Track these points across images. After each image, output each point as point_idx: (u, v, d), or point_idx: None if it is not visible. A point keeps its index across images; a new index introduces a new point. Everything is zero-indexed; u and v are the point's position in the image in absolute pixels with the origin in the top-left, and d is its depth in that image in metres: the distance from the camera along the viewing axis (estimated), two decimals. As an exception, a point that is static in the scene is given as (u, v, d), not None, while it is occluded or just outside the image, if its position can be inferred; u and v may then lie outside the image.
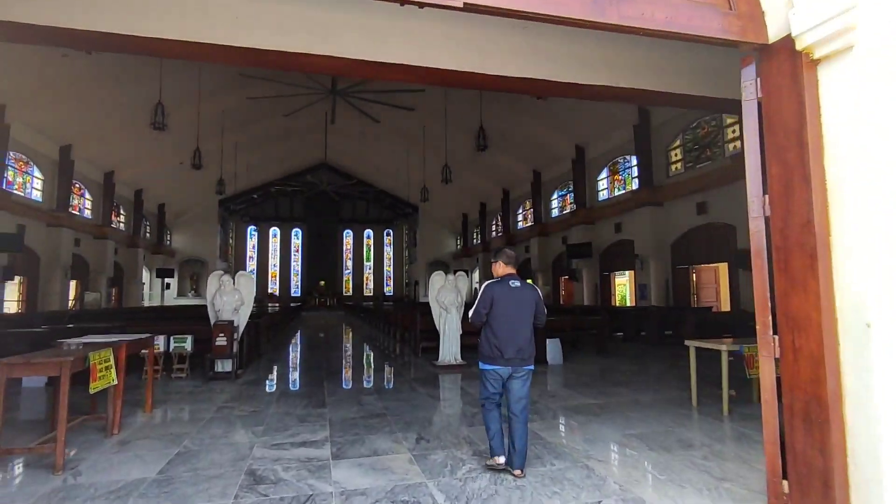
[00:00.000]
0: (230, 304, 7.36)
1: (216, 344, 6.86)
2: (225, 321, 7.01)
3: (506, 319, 3.48)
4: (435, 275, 8.50)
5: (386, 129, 25.39)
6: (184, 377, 7.24)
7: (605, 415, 5.05)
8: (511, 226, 27.71)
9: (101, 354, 4.03)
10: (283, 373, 8.04)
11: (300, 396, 6.08)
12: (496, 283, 3.61)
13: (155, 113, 14.01)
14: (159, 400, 5.86)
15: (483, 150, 16.74)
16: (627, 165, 19.58)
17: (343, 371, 8.09)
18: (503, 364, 3.47)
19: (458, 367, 8.03)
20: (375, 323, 17.80)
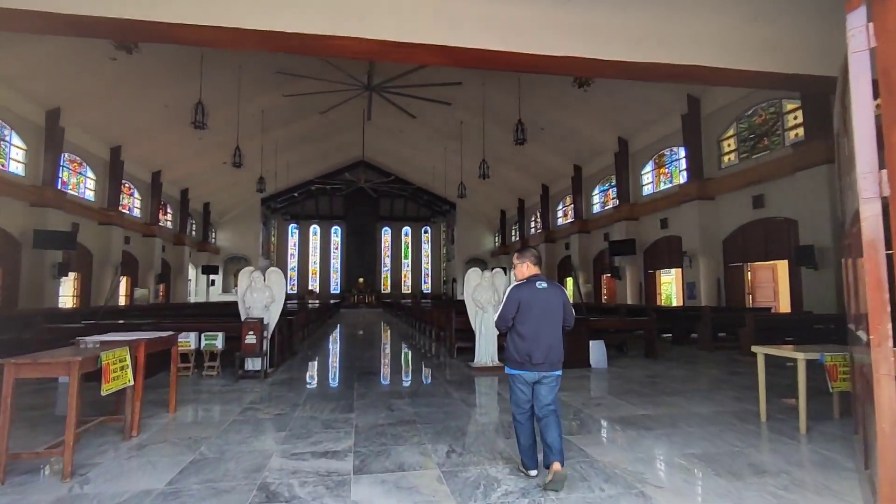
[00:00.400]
0: (260, 301, 7.16)
1: (245, 342, 6.67)
2: (255, 319, 6.80)
3: (534, 323, 3.29)
4: (471, 272, 8.06)
5: (423, 126, 25.12)
6: (214, 375, 7.09)
7: (660, 429, 4.48)
8: (550, 222, 26.93)
9: (116, 354, 3.81)
10: (315, 372, 7.80)
11: (328, 399, 5.77)
12: (522, 286, 3.40)
13: (195, 112, 14.16)
14: (186, 399, 5.69)
15: (521, 145, 16.16)
16: (674, 158, 18.53)
17: (375, 371, 7.77)
18: (531, 369, 3.29)
19: (495, 370, 7.57)
20: (411, 321, 17.53)
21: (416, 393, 6.13)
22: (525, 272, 3.51)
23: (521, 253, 3.58)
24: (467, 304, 7.97)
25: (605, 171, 22.36)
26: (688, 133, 16.78)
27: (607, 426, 4.62)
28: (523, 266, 3.52)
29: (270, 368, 7.35)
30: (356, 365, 8.45)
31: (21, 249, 15.68)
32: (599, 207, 23.18)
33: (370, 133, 26.68)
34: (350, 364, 8.60)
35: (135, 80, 16.41)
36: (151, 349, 4.65)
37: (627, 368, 7.86)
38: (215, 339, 7.06)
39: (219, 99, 18.98)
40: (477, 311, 7.84)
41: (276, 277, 7.46)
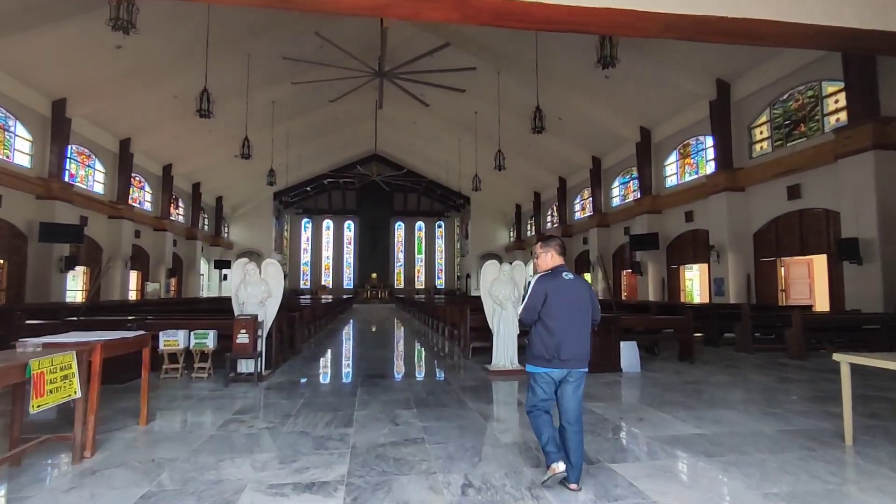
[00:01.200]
0: (255, 296, 6.41)
1: (237, 342, 5.92)
2: (247, 316, 6.05)
3: (562, 316, 3.03)
4: (488, 265, 7.22)
5: (436, 117, 24.29)
6: (205, 378, 6.37)
7: (724, 454, 3.61)
8: (568, 216, 25.93)
9: (56, 361, 3.07)
10: (315, 375, 7.02)
11: (326, 408, 4.99)
12: (548, 277, 3.13)
13: (200, 100, 13.49)
14: (164, 407, 4.96)
15: (539, 133, 15.22)
16: (701, 147, 17.45)
17: (382, 374, 6.99)
18: (558, 366, 3.01)
19: (515, 373, 6.73)
20: (424, 317, 16.76)
21: (425, 402, 5.32)
22: (549, 262, 3.21)
23: (546, 241, 3.28)
24: (484, 301, 7.14)
25: (625, 163, 21.32)
26: (716, 120, 15.70)
27: (658, 450, 3.77)
28: (547, 255, 3.23)
29: (267, 370, 6.61)
30: (362, 366, 7.68)
31: (27, 243, 15.24)
32: (619, 200, 22.14)
33: (383, 126, 25.92)
34: (355, 365, 7.84)
35: (141, 70, 15.86)
36: (114, 352, 3.91)
37: (662, 373, 6.96)
38: (206, 337, 6.34)
39: (228, 90, 18.36)
40: (494, 308, 7.01)
41: (272, 270, 6.71)
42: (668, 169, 19.00)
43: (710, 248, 15.75)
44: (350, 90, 15.88)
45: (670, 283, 18.92)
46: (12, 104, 14.59)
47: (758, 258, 14.94)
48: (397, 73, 14.86)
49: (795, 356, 8.15)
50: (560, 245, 3.29)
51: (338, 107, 23.67)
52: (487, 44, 17.49)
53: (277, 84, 19.60)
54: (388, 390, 5.87)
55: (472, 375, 6.86)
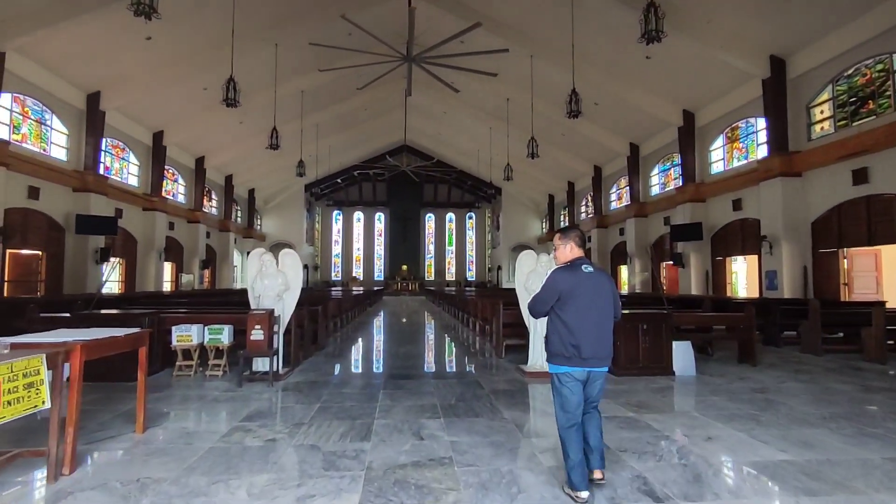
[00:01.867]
0: (272, 288, 5.91)
1: (251, 338, 5.43)
2: (262, 310, 5.55)
3: (582, 311, 2.83)
4: (524, 255, 6.51)
5: (467, 105, 23.54)
6: (219, 376, 5.93)
7: (827, 492, 2.84)
8: (603, 206, 24.78)
9: (17, 366, 2.59)
10: (336, 374, 6.46)
11: (343, 415, 4.44)
12: (566, 270, 2.94)
13: (226, 89, 13.16)
14: (168, 411, 4.50)
15: (575, 117, 14.26)
16: (751, 130, 16.13)
17: (408, 374, 6.40)
18: (579, 364, 2.82)
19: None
20: (454, 311, 16.16)
21: (454, 409, 4.70)
22: (568, 254, 3.02)
23: (565, 232, 3.07)
24: (519, 294, 6.46)
25: (666, 149, 20.07)
26: (770, 100, 14.38)
27: (742, 483, 3.02)
28: (566, 247, 3.03)
29: (285, 368, 6.13)
30: (387, 364, 7.12)
31: (65, 234, 15.39)
32: (659, 189, 20.91)
33: (412, 116, 25.34)
34: (380, 363, 7.28)
35: (171, 62, 15.77)
36: (100, 354, 3.43)
37: (722, 378, 6.12)
38: (220, 333, 5.89)
39: (257, 81, 18.14)
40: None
41: (290, 261, 6.19)
42: (714, 154, 17.71)
43: (762, 238, 14.53)
44: (378, 76, 15.29)
45: (715, 276, 17.72)
46: (48, 97, 14.66)
47: (816, 249, 13.67)
48: (426, 57, 14.17)
49: (875, 359, 7.13)
50: (580, 236, 3.06)
51: (366, 97, 23.24)
52: (520, 27, 16.64)
53: (305, 74, 19.25)
54: (414, 394, 5.27)
55: (505, 377, 6.20)
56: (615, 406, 4.77)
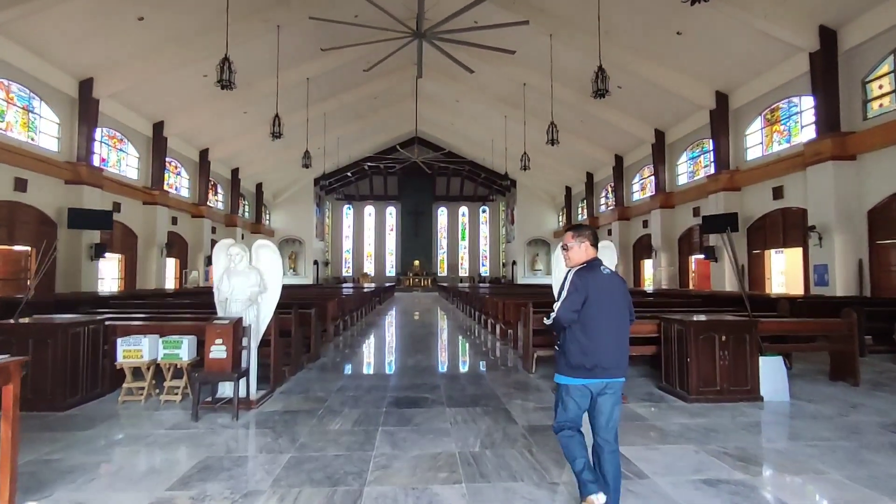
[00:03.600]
0: (242, 290, 4.53)
1: (209, 356, 4.06)
2: (224, 320, 4.17)
3: (603, 317, 2.54)
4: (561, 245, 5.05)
5: (480, 93, 22.02)
6: (177, 401, 4.58)
7: None
8: (625, 197, 23.12)
9: None
10: (326, 399, 4.94)
11: (320, 475, 3.03)
12: (587, 271, 2.62)
13: (221, 70, 11.82)
14: (74, 467, 3.13)
15: (601, 97, 12.69)
16: (794, 111, 14.40)
17: (415, 399, 4.96)
18: (601, 376, 2.51)
19: (604, 402, 4.61)
20: (470, 310, 14.75)
21: (480, 462, 3.27)
22: (583, 255, 2.70)
23: (578, 230, 2.75)
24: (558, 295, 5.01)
25: (695, 135, 18.38)
26: (819, 76, 12.67)
27: None
28: (581, 246, 2.71)
29: (262, 390, 4.76)
30: (393, 382, 5.73)
31: (56, 229, 14.25)
32: (687, 178, 19.22)
33: (424, 105, 23.87)
34: (384, 381, 5.86)
35: (167, 46, 14.54)
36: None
37: (826, 403, 4.61)
38: (178, 346, 4.53)
39: (261, 69, 16.86)
40: (572, 307, 4.89)
41: (266, 255, 4.81)
42: (750, 139, 15.99)
43: (810, 229, 12.86)
44: (386, 56, 13.85)
45: (752, 270, 16.05)
46: (36, 84, 13.48)
47: (873, 240, 11.99)
48: (438, 33, 12.70)
49: None
50: (594, 234, 2.79)
51: (375, 85, 21.86)
52: (539, 3, 15.09)
53: (310, 60, 17.91)
54: (423, 433, 3.85)
55: (542, 403, 4.75)
56: (705, 457, 3.31)
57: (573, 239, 2.73)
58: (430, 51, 15.63)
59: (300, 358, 6.10)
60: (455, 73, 21.10)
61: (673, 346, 4.89)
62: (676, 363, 4.83)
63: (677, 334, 4.82)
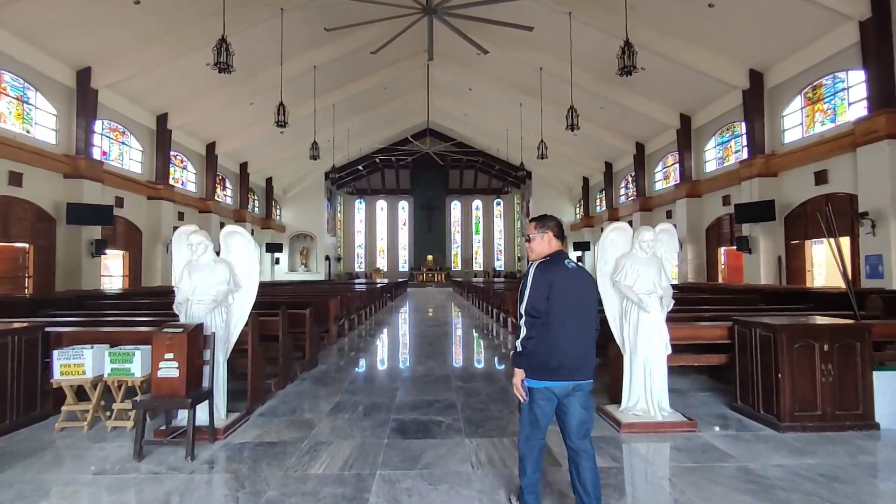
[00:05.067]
0: (206, 288, 3.54)
1: (157, 374, 3.08)
2: (176, 328, 3.17)
3: (566, 314, 2.32)
4: (613, 231, 3.92)
5: (494, 80, 20.84)
6: (129, 427, 3.61)
7: None
8: (647, 187, 21.79)
9: None
10: (315, 423, 3.86)
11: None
12: (549, 264, 2.41)
13: (218, 52, 10.86)
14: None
15: (629, 74, 11.47)
16: (840, 87, 12.98)
17: (424, 424, 3.88)
18: (566, 377, 2.31)
19: (667, 429, 3.52)
20: (486, 307, 13.68)
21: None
22: (546, 248, 2.49)
23: (542, 221, 2.54)
24: (603, 293, 3.92)
25: (725, 118, 16.99)
26: (870, 46, 11.25)
27: None
28: (544, 238, 2.49)
29: (234, 415, 3.76)
30: (399, 399, 4.65)
31: (55, 225, 13.52)
32: (716, 165, 17.84)
33: (435, 95, 22.75)
34: (389, 396, 4.76)
35: (167, 33, 13.69)
36: None
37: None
38: (129, 359, 3.55)
39: (266, 58, 15.93)
40: (625, 307, 3.79)
41: (238, 244, 3.81)
42: (788, 120, 14.57)
43: (861, 216, 11.50)
44: (394, 36, 12.78)
45: (790, 262, 14.69)
46: (31, 73, 12.70)
47: (936, 227, 10.64)
48: (449, 8, 11.60)
49: None
50: (559, 226, 2.56)
51: (385, 74, 20.81)
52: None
53: (317, 46, 16.95)
54: (435, 481, 2.80)
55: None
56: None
57: (536, 230, 2.52)
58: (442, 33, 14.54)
59: (291, 368, 5.10)
60: (468, 60, 19.96)
61: (753, 357, 3.79)
62: (759, 379, 3.72)
63: (760, 341, 3.71)
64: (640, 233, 3.77)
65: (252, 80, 17.23)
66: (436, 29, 12.54)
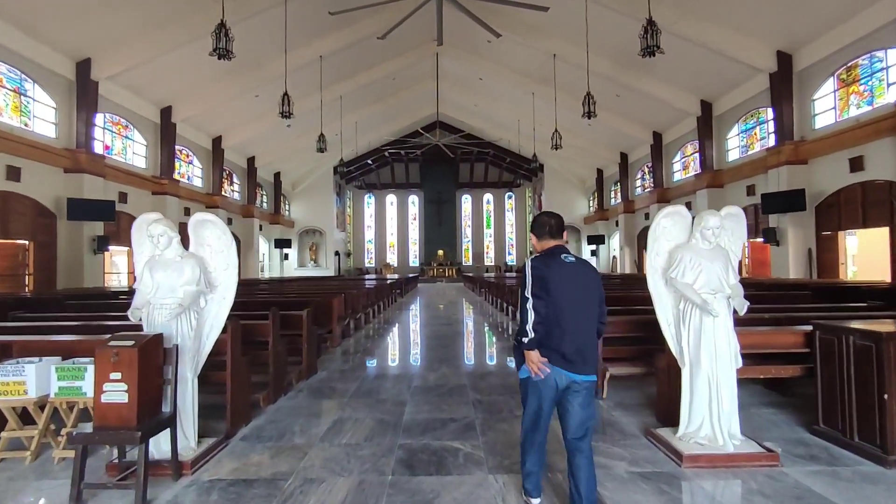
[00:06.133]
0: (170, 289, 2.86)
1: (101, 399, 2.41)
2: (125, 341, 2.50)
3: (565, 305, 2.30)
4: (664, 216, 3.20)
5: (506, 69, 20.00)
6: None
7: None
8: (664, 177, 20.84)
9: None
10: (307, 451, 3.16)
11: None
12: (545, 258, 2.43)
13: (217, 37, 10.21)
14: None
15: (651, 55, 10.63)
16: (878, 67, 11.99)
17: (438, 450, 3.20)
18: (563, 367, 2.29)
19: (741, 463, 2.78)
20: (500, 302, 12.96)
21: None
22: (540, 248, 2.53)
23: (534, 226, 2.60)
24: (653, 290, 3.18)
25: (749, 104, 16.01)
26: (917, 21, 10.30)
27: None
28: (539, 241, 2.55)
29: (210, 440, 3.10)
30: (406, 419, 3.83)
31: (56, 221, 13.04)
32: (739, 153, 16.87)
33: (445, 86, 21.94)
34: (396, 412, 4.01)
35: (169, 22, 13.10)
36: None
37: None
38: (79, 375, 2.89)
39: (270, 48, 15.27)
40: (683, 309, 3.05)
41: (212, 236, 3.10)
42: (819, 104, 13.58)
43: (904, 203, 10.57)
44: (403, 18, 12.02)
45: (821, 254, 13.75)
46: (28, 65, 12.17)
47: None
48: (459, -14, 10.83)
49: None
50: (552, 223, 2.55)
51: (393, 64, 20.05)
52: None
53: (322, 35, 16.27)
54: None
55: (629, 458, 2.95)
56: None
57: (532, 234, 2.59)
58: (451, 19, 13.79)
59: (284, 377, 4.42)
60: (478, 48, 19.14)
61: (843, 370, 3.04)
62: (853, 398, 2.97)
63: (855, 352, 2.95)
64: (704, 218, 3.01)
65: (257, 71, 16.61)
66: (445, 14, 11.78)
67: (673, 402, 3.27)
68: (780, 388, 4.25)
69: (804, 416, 3.54)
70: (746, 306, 2.89)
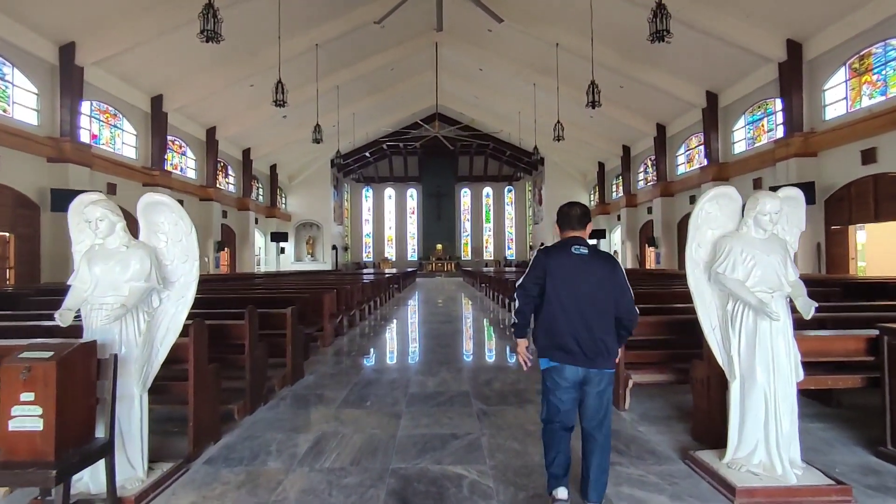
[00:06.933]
0: (112, 286, 2.33)
1: (9, 426, 1.88)
2: (41, 354, 1.97)
3: (564, 298, 2.24)
4: (708, 200, 2.64)
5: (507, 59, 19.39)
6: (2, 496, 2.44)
7: None
8: (668, 171, 20.30)
9: None
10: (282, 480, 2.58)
11: None
12: (553, 249, 2.38)
13: (205, 18, 9.60)
14: None
15: (661, 40, 10.09)
16: (891, 56, 11.46)
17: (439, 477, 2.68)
18: (568, 361, 2.21)
19: (809, 499, 2.27)
20: (501, 298, 12.44)
21: None
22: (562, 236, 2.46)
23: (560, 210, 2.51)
24: (693, 286, 2.65)
25: (757, 95, 15.47)
26: (938, 4, 9.75)
27: None
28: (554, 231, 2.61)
29: (169, 464, 2.58)
30: (400, 435, 3.32)
31: (39, 212, 12.45)
32: (746, 145, 16.35)
33: (444, 77, 21.29)
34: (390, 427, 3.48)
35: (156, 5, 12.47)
36: None
37: None
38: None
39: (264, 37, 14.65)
40: (732, 311, 2.53)
41: (166, 221, 2.56)
42: (830, 94, 13.05)
43: (921, 196, 10.06)
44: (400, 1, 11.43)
45: (830, 249, 13.28)
46: (8, 48, 11.53)
47: None
48: (460, -33, 10.24)
49: None
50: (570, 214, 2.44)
51: (391, 54, 19.41)
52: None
53: (318, 22, 15.65)
54: None
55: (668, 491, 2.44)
56: None
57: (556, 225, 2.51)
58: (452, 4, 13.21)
59: (264, 385, 3.89)
60: (478, 38, 18.50)
61: (920, 384, 2.53)
62: (935, 417, 2.46)
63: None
64: (759, 201, 2.47)
65: (252, 59, 15.98)
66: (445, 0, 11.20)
67: (712, 418, 2.76)
68: (822, 397, 3.74)
69: (862, 434, 3.04)
70: (814, 308, 2.36)
